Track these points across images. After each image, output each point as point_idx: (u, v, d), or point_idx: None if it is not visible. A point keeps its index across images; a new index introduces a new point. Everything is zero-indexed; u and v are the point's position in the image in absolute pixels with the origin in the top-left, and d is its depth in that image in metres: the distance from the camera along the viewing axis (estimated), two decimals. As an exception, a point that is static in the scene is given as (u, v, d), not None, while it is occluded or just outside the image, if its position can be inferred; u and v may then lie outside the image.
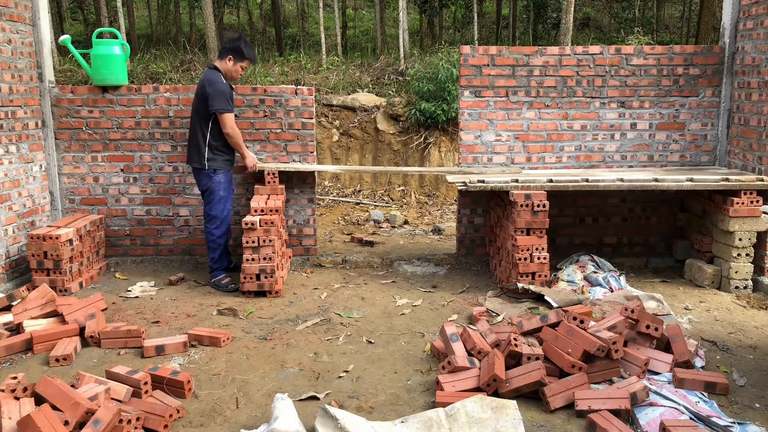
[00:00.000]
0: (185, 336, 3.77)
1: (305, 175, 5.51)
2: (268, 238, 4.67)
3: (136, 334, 3.75)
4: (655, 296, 4.37)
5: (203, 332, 3.83)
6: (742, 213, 4.62)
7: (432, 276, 5.35)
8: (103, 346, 3.75)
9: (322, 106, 9.67)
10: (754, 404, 3.06)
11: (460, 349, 3.40)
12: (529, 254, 4.58)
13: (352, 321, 4.21)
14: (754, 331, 4.01)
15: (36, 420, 2.45)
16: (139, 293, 4.81)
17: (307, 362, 3.56)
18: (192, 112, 4.95)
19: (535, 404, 3.02)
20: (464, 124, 5.45)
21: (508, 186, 4.69)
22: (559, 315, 3.56)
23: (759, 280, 4.73)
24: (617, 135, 5.48)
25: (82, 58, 5.42)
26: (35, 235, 4.70)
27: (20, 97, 5.04)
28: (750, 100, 5.06)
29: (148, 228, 5.59)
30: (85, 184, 5.50)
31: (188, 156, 4.99)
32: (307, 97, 5.41)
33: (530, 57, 5.37)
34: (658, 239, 5.63)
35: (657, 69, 5.38)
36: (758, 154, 4.94)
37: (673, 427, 2.65)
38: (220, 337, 3.77)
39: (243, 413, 2.99)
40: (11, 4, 4.94)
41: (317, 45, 14.47)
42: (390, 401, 3.10)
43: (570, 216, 5.58)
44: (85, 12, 17.92)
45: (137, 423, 2.69)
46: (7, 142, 4.88)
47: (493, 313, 4.24)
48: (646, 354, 3.29)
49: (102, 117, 5.40)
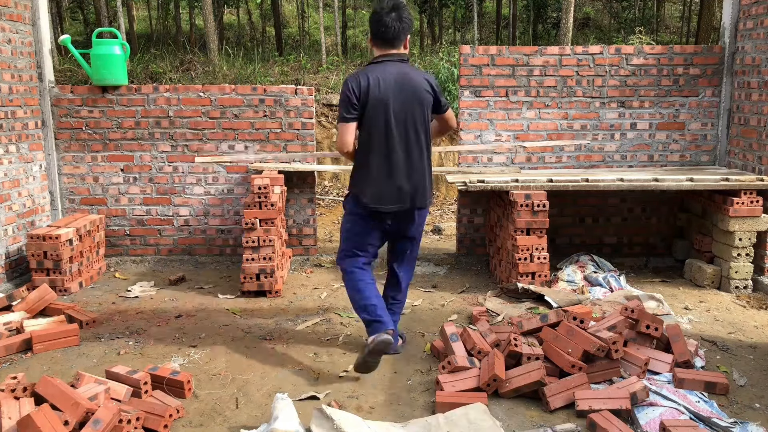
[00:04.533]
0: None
1: (305, 175, 5.51)
2: (268, 238, 4.67)
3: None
4: (655, 296, 4.37)
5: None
6: (742, 213, 4.62)
7: (432, 276, 5.35)
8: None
9: (322, 106, 9.67)
10: (754, 404, 3.06)
11: (460, 349, 3.40)
12: (529, 254, 4.58)
13: (352, 321, 4.21)
14: (754, 331, 4.01)
15: (36, 420, 2.45)
16: (139, 293, 4.81)
17: (307, 362, 3.55)
18: (411, 126, 3.40)
19: (535, 404, 3.02)
20: (464, 124, 5.45)
21: (508, 186, 4.69)
22: (559, 315, 3.56)
23: (759, 280, 4.73)
24: (617, 135, 5.48)
25: (82, 58, 5.42)
26: (35, 235, 4.70)
27: (20, 97, 5.04)
28: (750, 100, 5.06)
29: (148, 228, 5.59)
30: (85, 184, 5.50)
31: (416, 195, 3.44)
32: (307, 97, 5.41)
33: (530, 57, 5.37)
34: (658, 239, 5.63)
35: (657, 69, 5.38)
36: (758, 154, 4.94)
37: (673, 427, 2.65)
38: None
39: (243, 413, 2.99)
40: (11, 4, 4.94)
41: (317, 45, 14.48)
42: (390, 401, 3.10)
43: (570, 216, 5.58)
44: (85, 12, 17.92)
45: (137, 423, 2.69)
46: (7, 142, 4.88)
47: (493, 313, 4.24)
48: (646, 354, 3.29)
49: (102, 117, 5.40)
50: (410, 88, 3.36)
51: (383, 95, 3.32)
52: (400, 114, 3.36)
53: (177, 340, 3.88)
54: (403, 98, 3.35)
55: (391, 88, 3.33)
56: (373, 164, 3.39)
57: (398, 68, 3.38)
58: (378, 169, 3.38)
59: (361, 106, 3.34)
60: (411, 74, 3.40)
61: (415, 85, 3.37)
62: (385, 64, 3.38)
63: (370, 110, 3.34)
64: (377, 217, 3.45)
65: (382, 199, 3.39)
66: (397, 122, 3.36)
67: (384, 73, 3.35)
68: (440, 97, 3.49)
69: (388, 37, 3.35)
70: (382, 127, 3.35)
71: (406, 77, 3.37)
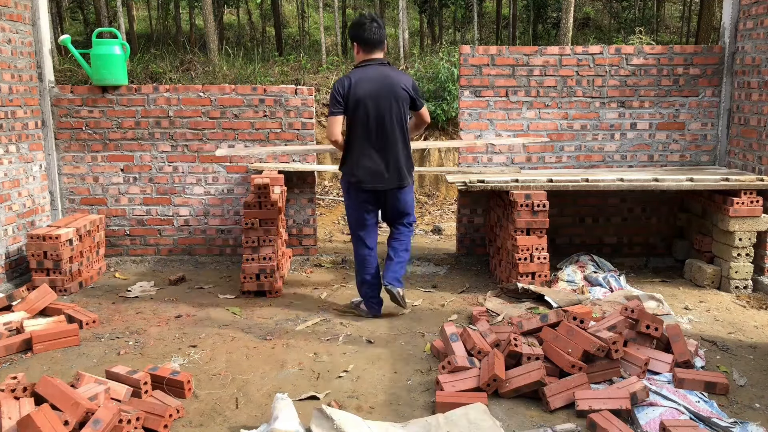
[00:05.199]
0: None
1: (305, 175, 5.51)
2: (268, 238, 4.67)
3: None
4: (655, 296, 4.37)
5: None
6: (742, 213, 4.62)
7: (432, 276, 5.35)
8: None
9: (322, 106, 9.67)
10: (754, 404, 3.06)
11: (460, 349, 3.40)
12: (529, 254, 4.58)
13: (352, 321, 4.21)
14: (754, 331, 4.01)
15: (36, 420, 2.44)
16: (139, 293, 4.81)
17: (307, 362, 3.56)
18: (387, 119, 4.02)
19: (535, 404, 3.02)
20: (464, 123, 5.45)
21: (508, 186, 4.69)
22: (559, 315, 3.56)
23: (759, 280, 4.73)
24: (617, 135, 5.48)
25: (82, 58, 5.42)
26: (35, 235, 4.70)
27: (20, 97, 5.04)
28: (750, 100, 5.06)
29: (148, 228, 5.59)
30: (85, 184, 5.50)
31: (395, 176, 4.10)
32: (307, 97, 5.41)
33: (530, 57, 5.37)
34: (658, 239, 5.63)
35: (657, 69, 5.38)
36: (758, 154, 4.94)
37: (673, 427, 2.65)
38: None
39: (243, 413, 2.99)
40: (11, 4, 4.94)
41: (317, 45, 14.48)
42: (390, 401, 3.10)
43: (570, 216, 5.58)
44: (85, 12, 17.92)
45: (137, 423, 2.69)
46: (7, 141, 4.88)
47: (493, 313, 4.24)
48: (646, 354, 3.29)
49: (102, 117, 5.40)
50: (388, 87, 4.00)
51: (364, 93, 3.97)
52: (379, 109, 4.00)
53: (177, 340, 3.88)
54: (382, 95, 3.99)
55: (372, 87, 3.98)
56: (356, 150, 4.09)
57: (379, 70, 4.03)
58: (360, 154, 4.07)
59: (345, 102, 4.01)
60: (391, 75, 4.05)
61: (393, 84, 4.01)
62: (367, 68, 4.05)
63: (353, 106, 4.01)
64: (363, 193, 4.14)
65: (365, 179, 4.08)
66: (377, 115, 4.01)
67: (366, 74, 4.02)
68: (416, 96, 4.12)
69: (373, 42, 4.01)
70: (364, 119, 4.01)
71: (386, 78, 4.02)
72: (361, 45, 4.05)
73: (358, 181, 4.10)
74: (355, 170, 4.09)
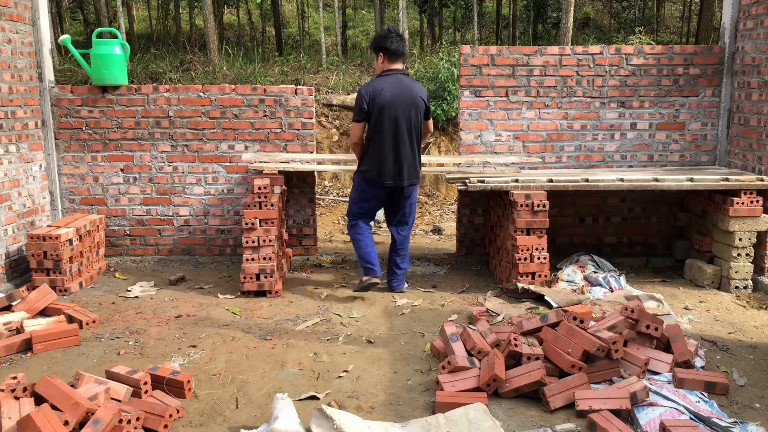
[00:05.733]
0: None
1: (305, 175, 5.51)
2: (268, 238, 4.67)
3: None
4: (655, 296, 4.37)
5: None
6: (742, 213, 4.62)
7: (432, 276, 5.35)
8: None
9: (322, 105, 9.67)
10: (754, 404, 3.06)
11: (460, 349, 3.40)
12: (529, 254, 4.58)
13: (352, 321, 4.21)
14: (754, 331, 4.01)
15: (36, 420, 2.45)
16: (139, 293, 4.81)
17: (307, 362, 3.56)
18: (406, 125, 4.51)
19: (535, 404, 3.02)
20: (464, 123, 5.45)
21: (508, 186, 4.69)
22: (559, 315, 3.56)
23: (759, 280, 4.73)
24: (617, 135, 5.48)
25: (82, 58, 5.42)
26: (35, 235, 4.70)
27: (20, 97, 5.04)
28: (750, 100, 5.06)
29: (148, 228, 5.59)
30: (85, 184, 5.50)
31: (407, 174, 4.59)
32: (307, 96, 5.41)
33: (530, 57, 5.37)
34: (658, 239, 5.63)
35: (657, 69, 5.38)
36: (758, 154, 4.94)
37: (673, 427, 2.65)
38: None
39: (243, 413, 2.99)
40: (11, 4, 4.94)
41: (317, 45, 14.48)
42: (390, 401, 3.10)
43: (570, 216, 5.58)
44: (85, 12, 17.91)
45: (137, 423, 2.69)
46: (7, 141, 4.88)
47: (493, 313, 4.24)
48: (646, 354, 3.29)
49: (102, 117, 5.40)
50: (409, 97, 4.50)
51: (387, 101, 4.44)
52: (399, 115, 4.47)
53: (177, 340, 3.88)
54: (403, 104, 4.47)
55: (393, 96, 4.45)
56: (376, 152, 4.53)
57: (400, 80, 4.52)
58: (380, 155, 4.52)
59: (369, 109, 4.48)
60: (411, 86, 4.55)
61: (413, 95, 4.52)
62: (390, 77, 4.52)
63: (376, 112, 4.47)
64: (377, 189, 4.62)
65: (381, 176, 4.55)
66: (397, 121, 4.48)
67: (389, 84, 4.49)
68: (428, 107, 4.67)
69: (397, 53, 4.51)
70: (386, 124, 4.48)
71: (407, 88, 4.51)
72: (386, 55, 4.52)
73: (377, 178, 4.55)
74: (375, 168, 4.54)
